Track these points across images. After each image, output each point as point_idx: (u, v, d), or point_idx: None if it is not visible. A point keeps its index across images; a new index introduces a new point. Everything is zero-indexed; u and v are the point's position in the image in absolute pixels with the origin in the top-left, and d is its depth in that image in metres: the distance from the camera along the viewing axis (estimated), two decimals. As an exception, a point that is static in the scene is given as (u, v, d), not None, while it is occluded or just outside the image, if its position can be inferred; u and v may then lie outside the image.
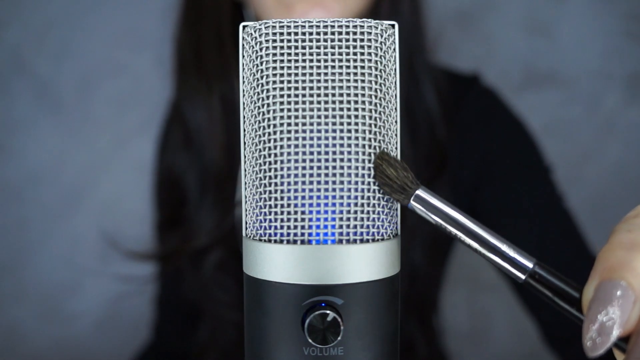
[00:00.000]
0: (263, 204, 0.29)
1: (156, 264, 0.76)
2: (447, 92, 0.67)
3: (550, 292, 0.27)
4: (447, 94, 0.67)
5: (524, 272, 0.28)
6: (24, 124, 1.06)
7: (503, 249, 0.28)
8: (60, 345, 1.09)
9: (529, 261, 0.28)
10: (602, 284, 0.24)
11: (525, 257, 0.28)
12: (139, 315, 0.84)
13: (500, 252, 0.28)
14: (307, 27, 0.29)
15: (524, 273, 0.28)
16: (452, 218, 0.28)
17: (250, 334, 0.30)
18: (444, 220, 0.29)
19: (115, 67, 1.06)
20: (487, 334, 1.09)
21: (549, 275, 0.27)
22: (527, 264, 0.28)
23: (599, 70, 1.03)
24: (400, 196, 0.29)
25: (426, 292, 0.69)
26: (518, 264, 0.28)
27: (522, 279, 0.28)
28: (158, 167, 0.76)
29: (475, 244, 0.28)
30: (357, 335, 0.28)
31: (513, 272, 0.28)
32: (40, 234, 1.08)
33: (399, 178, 0.28)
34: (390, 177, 0.28)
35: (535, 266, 0.27)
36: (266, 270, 0.29)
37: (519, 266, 0.28)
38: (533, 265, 0.28)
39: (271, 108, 0.29)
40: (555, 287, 0.27)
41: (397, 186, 0.28)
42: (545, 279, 0.27)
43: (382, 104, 0.29)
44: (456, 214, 0.29)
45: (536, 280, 0.27)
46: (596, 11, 1.03)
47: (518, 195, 0.67)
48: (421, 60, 0.65)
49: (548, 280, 0.27)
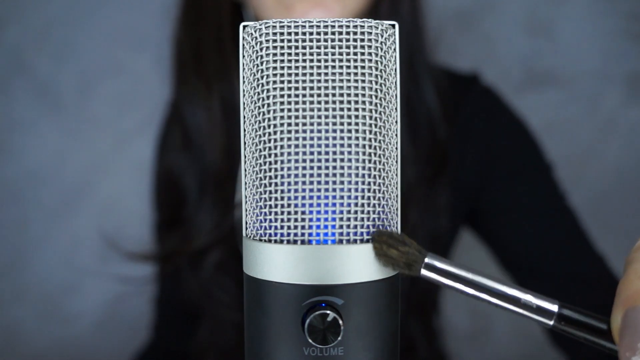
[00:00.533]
0: (263, 204, 0.29)
1: (156, 265, 0.76)
2: (447, 92, 0.67)
3: (579, 331, 0.27)
4: (447, 93, 0.67)
5: (550, 317, 0.27)
6: (24, 124, 1.06)
7: (526, 299, 0.27)
8: (60, 346, 1.09)
9: (552, 304, 0.27)
10: (629, 311, 0.25)
11: (548, 302, 0.27)
12: (139, 316, 0.84)
13: (523, 303, 0.28)
14: (307, 27, 0.29)
15: (551, 318, 0.27)
16: (466, 279, 0.28)
17: (250, 334, 0.30)
18: (458, 282, 0.28)
19: (115, 67, 1.06)
20: (487, 334, 1.09)
21: (575, 314, 0.27)
22: (552, 308, 0.27)
23: (599, 70, 1.03)
24: (408, 271, 0.28)
25: (427, 292, 0.69)
26: (543, 310, 0.27)
27: (551, 325, 0.27)
28: (157, 168, 0.76)
29: (495, 300, 0.28)
30: (357, 335, 0.28)
31: (540, 320, 0.27)
32: (40, 234, 1.08)
33: (402, 256, 0.28)
34: (394, 258, 0.28)
35: (560, 309, 0.27)
36: (266, 270, 0.29)
37: (545, 312, 0.27)
38: (558, 308, 0.27)
39: (271, 108, 0.29)
40: (582, 324, 0.27)
41: (403, 264, 0.28)
42: (571, 319, 0.27)
43: (382, 104, 0.29)
44: (469, 275, 0.28)
45: (563, 322, 0.27)
46: (596, 11, 1.03)
47: (520, 194, 0.67)
48: (421, 60, 0.65)
49: (574, 319, 0.27)
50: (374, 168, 0.29)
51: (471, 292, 0.28)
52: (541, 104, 1.03)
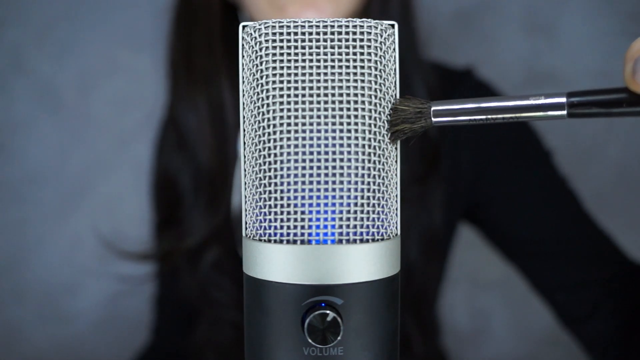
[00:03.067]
0: (263, 204, 0.29)
1: (153, 264, 0.76)
2: (439, 87, 0.67)
3: (594, 109, 0.28)
4: (439, 88, 0.67)
5: (562, 109, 0.28)
6: (24, 124, 1.06)
7: (533, 103, 0.29)
8: (60, 345, 1.09)
9: (560, 97, 0.28)
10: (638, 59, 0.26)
11: (555, 97, 0.28)
12: (138, 316, 0.84)
13: (532, 107, 0.29)
14: (306, 27, 0.29)
15: (563, 109, 0.28)
16: (475, 109, 0.29)
17: (250, 334, 0.30)
18: (469, 115, 0.29)
19: (115, 67, 1.06)
20: (487, 334, 1.09)
21: (586, 97, 0.28)
22: (561, 100, 0.28)
23: (599, 70, 1.03)
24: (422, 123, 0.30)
25: (422, 288, 0.69)
26: (554, 105, 0.28)
27: (566, 114, 0.28)
28: (154, 168, 0.77)
29: (508, 115, 0.29)
30: (357, 335, 0.28)
31: (555, 114, 0.28)
32: (40, 234, 1.08)
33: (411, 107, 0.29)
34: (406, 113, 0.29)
35: (568, 98, 0.28)
36: (266, 270, 0.29)
37: (556, 106, 0.28)
38: (567, 97, 0.28)
39: (271, 108, 0.29)
40: (597, 102, 0.28)
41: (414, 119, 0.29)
42: (582, 101, 0.28)
43: (382, 103, 0.29)
44: (475, 104, 0.29)
45: (578, 107, 0.28)
46: (596, 11, 1.03)
47: (520, 181, 0.68)
48: (412, 59, 0.66)
49: (587, 101, 0.28)
50: (373, 168, 0.29)
51: (484, 117, 0.29)
52: (541, 104, 1.03)
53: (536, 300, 0.71)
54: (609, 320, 0.62)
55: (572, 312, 0.65)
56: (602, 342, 0.62)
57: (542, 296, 0.68)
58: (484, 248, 0.74)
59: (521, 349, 1.08)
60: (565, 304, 0.65)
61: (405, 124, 0.29)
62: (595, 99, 0.28)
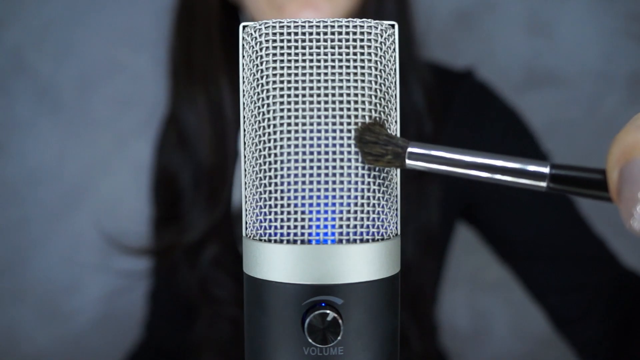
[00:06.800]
0: (263, 204, 0.29)
1: (153, 259, 0.77)
2: (436, 88, 0.67)
3: (574, 187, 0.26)
4: (436, 89, 0.67)
5: (543, 179, 0.26)
6: (24, 124, 1.06)
7: (515, 166, 0.26)
8: (60, 345, 1.09)
9: (544, 167, 0.26)
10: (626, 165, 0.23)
11: (538, 165, 0.26)
12: (139, 313, 0.85)
13: (513, 170, 0.27)
14: (307, 27, 0.29)
15: (544, 180, 0.26)
16: (452, 160, 0.27)
17: (250, 333, 0.30)
18: (445, 165, 0.27)
19: (115, 67, 1.06)
20: (487, 334, 1.09)
21: (568, 172, 0.26)
22: (543, 170, 0.26)
23: (599, 70, 1.03)
24: (396, 165, 0.28)
25: (419, 285, 0.69)
26: (535, 173, 0.26)
27: (545, 187, 0.26)
28: (155, 166, 0.78)
29: (486, 174, 0.27)
30: (357, 335, 0.28)
31: (533, 184, 0.26)
32: (40, 234, 1.08)
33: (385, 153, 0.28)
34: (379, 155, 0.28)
35: (551, 169, 0.26)
36: (266, 270, 0.29)
37: (537, 175, 0.26)
38: (549, 169, 0.26)
39: (271, 108, 0.29)
40: (576, 180, 0.26)
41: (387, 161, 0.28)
42: (565, 177, 0.26)
43: (382, 103, 0.29)
44: (455, 155, 0.27)
45: (558, 182, 0.26)
46: (596, 11, 1.03)
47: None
48: (407, 57, 0.66)
49: (568, 177, 0.26)
50: (373, 168, 0.29)
51: (460, 172, 0.27)
52: (541, 104, 1.03)
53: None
54: (600, 323, 0.63)
55: (564, 314, 0.65)
56: (593, 345, 0.63)
57: (535, 298, 0.68)
58: (484, 249, 0.74)
59: (521, 349, 1.08)
60: (557, 306, 0.66)
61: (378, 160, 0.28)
62: (579, 175, 0.26)
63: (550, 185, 0.26)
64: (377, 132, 0.28)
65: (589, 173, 0.26)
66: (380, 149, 0.28)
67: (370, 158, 0.28)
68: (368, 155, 0.28)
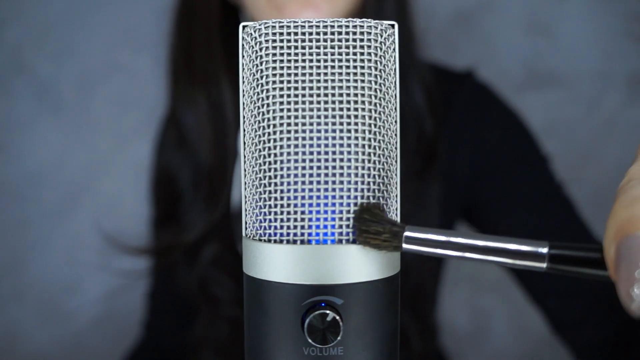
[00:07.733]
0: (263, 204, 0.29)
1: (152, 260, 0.77)
2: (437, 88, 0.68)
3: (573, 267, 0.26)
4: (437, 89, 0.67)
5: (542, 261, 0.26)
6: (24, 124, 1.06)
7: (513, 248, 0.26)
8: (60, 345, 1.09)
9: (542, 247, 0.26)
10: (622, 241, 0.23)
11: (537, 245, 0.26)
12: (138, 313, 0.85)
13: (511, 252, 0.26)
14: (307, 27, 0.29)
15: (543, 261, 0.26)
16: (448, 243, 0.27)
17: (250, 333, 0.30)
18: (441, 248, 0.27)
19: (115, 67, 1.06)
20: (487, 334, 1.09)
21: (567, 251, 0.26)
22: (542, 251, 0.26)
23: (599, 70, 1.03)
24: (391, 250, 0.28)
25: (419, 285, 0.69)
26: (534, 254, 0.26)
27: (544, 268, 0.26)
28: (154, 166, 0.78)
29: (482, 257, 0.27)
30: (357, 335, 0.28)
31: (532, 265, 0.26)
32: (40, 234, 1.08)
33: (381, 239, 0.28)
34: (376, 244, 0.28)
35: (550, 250, 0.26)
36: (266, 270, 0.29)
37: (536, 256, 0.26)
38: (548, 249, 0.26)
39: (271, 108, 0.29)
40: (577, 260, 0.26)
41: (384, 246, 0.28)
42: (564, 256, 0.26)
43: (382, 103, 0.29)
44: (451, 238, 0.27)
45: (557, 262, 0.26)
46: (596, 11, 1.03)
47: (517, 186, 0.68)
48: (407, 57, 0.66)
49: (568, 256, 0.26)
50: (373, 168, 0.29)
51: (457, 255, 0.27)
52: (541, 104, 1.03)
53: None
54: (598, 328, 0.62)
55: (563, 318, 0.65)
56: (592, 349, 0.63)
57: (534, 301, 0.68)
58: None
59: (521, 349, 1.08)
60: (556, 310, 0.66)
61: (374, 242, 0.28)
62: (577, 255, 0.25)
63: (549, 266, 0.26)
64: (376, 213, 0.28)
65: (588, 252, 0.25)
66: (378, 228, 0.28)
67: (366, 236, 0.28)
68: (364, 233, 0.28)
